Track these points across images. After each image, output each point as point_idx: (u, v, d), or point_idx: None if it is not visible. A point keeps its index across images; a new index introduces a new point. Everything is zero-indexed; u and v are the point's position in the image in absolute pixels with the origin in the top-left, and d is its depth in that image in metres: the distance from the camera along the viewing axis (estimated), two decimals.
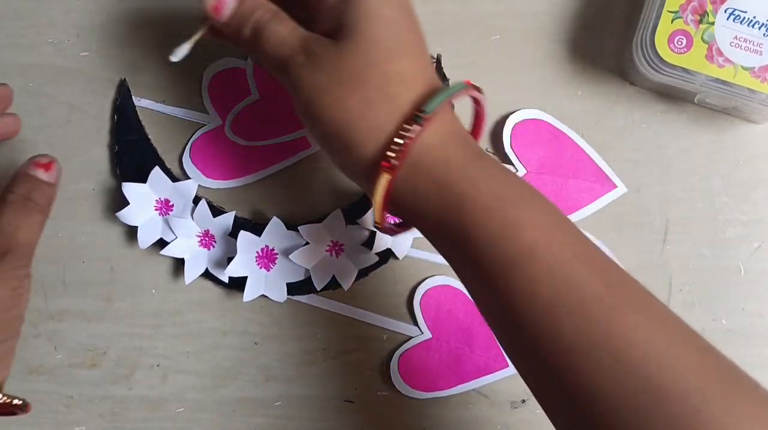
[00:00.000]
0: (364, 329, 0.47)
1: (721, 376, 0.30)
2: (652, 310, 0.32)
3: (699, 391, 0.29)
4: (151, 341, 0.48)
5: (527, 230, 0.32)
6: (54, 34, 0.49)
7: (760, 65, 0.43)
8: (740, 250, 0.47)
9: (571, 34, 0.48)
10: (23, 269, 0.40)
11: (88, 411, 0.48)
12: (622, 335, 0.30)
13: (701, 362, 0.30)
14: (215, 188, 0.48)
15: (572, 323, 0.31)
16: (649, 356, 0.30)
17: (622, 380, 0.29)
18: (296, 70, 0.36)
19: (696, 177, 0.47)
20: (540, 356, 0.32)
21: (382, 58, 0.35)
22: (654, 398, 0.29)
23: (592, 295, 0.31)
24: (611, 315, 0.30)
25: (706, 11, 0.43)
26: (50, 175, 0.42)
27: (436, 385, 0.46)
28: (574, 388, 0.31)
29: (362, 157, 0.35)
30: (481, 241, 0.32)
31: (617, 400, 0.30)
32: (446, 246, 0.35)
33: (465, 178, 0.33)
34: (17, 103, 0.49)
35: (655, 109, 0.48)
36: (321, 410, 0.47)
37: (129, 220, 0.46)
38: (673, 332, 0.31)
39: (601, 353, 0.30)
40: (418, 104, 0.34)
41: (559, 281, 0.31)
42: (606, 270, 0.32)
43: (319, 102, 0.35)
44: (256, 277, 0.46)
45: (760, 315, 0.47)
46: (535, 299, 0.31)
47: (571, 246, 0.32)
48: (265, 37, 0.37)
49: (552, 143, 0.47)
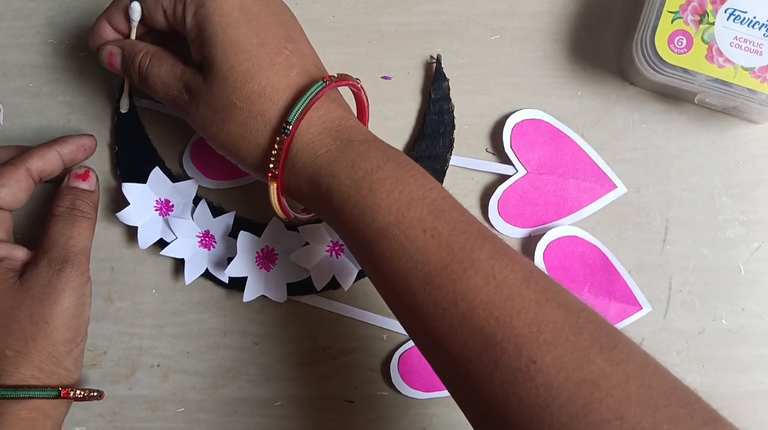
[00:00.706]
0: (364, 329, 0.48)
1: (558, 325, 0.32)
2: (495, 270, 0.33)
3: (534, 343, 0.31)
4: (151, 341, 0.48)
5: (381, 213, 0.35)
6: (54, 34, 0.49)
7: (760, 65, 0.43)
8: (740, 250, 0.47)
9: (571, 34, 0.48)
10: (83, 275, 0.43)
11: (89, 411, 0.48)
12: (465, 299, 0.33)
13: (539, 316, 0.32)
14: (215, 188, 0.48)
15: (424, 292, 0.34)
16: (489, 316, 0.32)
17: (468, 340, 0.33)
18: (184, 108, 0.40)
19: (696, 177, 0.47)
20: (408, 322, 0.36)
21: (239, 80, 0.38)
22: (494, 355, 0.32)
23: (439, 265, 0.34)
24: (456, 283, 0.33)
25: (706, 11, 0.43)
26: (89, 183, 0.46)
27: (436, 385, 0.46)
28: (436, 349, 0.35)
29: (253, 168, 0.40)
30: (347, 226, 0.37)
31: (466, 361, 0.33)
32: (333, 229, 0.39)
33: (329, 173, 0.37)
34: (17, 103, 0.49)
35: (655, 109, 0.48)
36: (321, 410, 0.48)
37: (129, 220, 0.46)
38: (510, 291, 0.33)
39: (449, 318, 0.33)
40: (283, 115, 0.38)
41: (408, 255, 0.35)
42: (452, 240, 0.34)
43: (209, 131, 0.40)
44: (256, 277, 0.46)
45: (760, 315, 0.47)
46: (393, 275, 0.35)
47: (421, 221, 0.35)
48: (150, 81, 0.41)
49: (552, 143, 0.47)
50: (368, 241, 0.36)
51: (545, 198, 0.47)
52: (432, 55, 0.48)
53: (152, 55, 0.41)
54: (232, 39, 0.38)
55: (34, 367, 0.41)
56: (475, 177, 0.48)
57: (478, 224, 0.36)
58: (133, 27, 0.43)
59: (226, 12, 0.38)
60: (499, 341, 0.32)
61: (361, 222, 0.36)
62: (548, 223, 0.47)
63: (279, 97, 0.38)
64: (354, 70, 0.48)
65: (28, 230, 0.48)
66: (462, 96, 0.48)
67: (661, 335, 0.47)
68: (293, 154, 0.38)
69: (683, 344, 0.47)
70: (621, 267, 0.46)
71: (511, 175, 0.47)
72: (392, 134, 0.48)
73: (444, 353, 0.34)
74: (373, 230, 0.35)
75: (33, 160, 0.44)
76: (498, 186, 0.47)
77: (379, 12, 0.49)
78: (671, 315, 0.47)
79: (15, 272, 0.43)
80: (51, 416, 0.42)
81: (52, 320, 0.42)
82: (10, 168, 0.44)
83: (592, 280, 0.46)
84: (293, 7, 0.42)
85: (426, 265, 0.34)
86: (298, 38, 0.40)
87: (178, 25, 0.41)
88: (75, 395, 0.42)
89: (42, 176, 0.45)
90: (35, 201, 0.47)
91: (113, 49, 0.43)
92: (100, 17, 0.43)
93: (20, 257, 0.44)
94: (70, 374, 0.43)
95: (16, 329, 0.41)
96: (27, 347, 0.41)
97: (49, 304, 0.42)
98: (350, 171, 0.36)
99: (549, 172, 0.47)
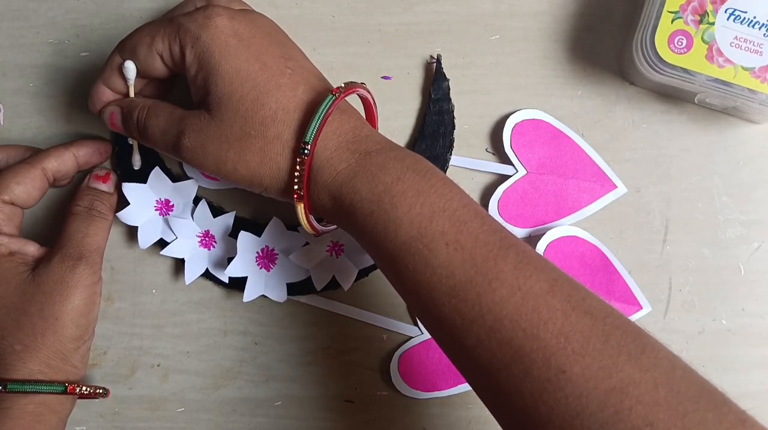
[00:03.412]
0: (364, 329, 0.48)
1: (585, 334, 0.32)
2: (520, 281, 0.34)
3: (562, 354, 0.32)
4: (151, 341, 0.48)
5: (403, 227, 0.35)
6: (54, 34, 0.49)
7: (760, 65, 0.43)
8: (740, 250, 0.47)
9: (571, 34, 0.48)
10: (95, 274, 0.44)
11: (89, 411, 0.48)
12: (491, 312, 0.33)
13: (566, 326, 0.32)
14: (215, 188, 0.48)
15: (450, 305, 0.34)
16: (516, 328, 0.33)
17: (497, 351, 0.33)
18: (188, 153, 0.40)
19: (696, 177, 0.47)
20: (436, 333, 0.36)
21: (250, 110, 0.38)
22: (523, 366, 0.32)
23: (463, 279, 0.34)
24: (482, 296, 0.34)
25: (706, 11, 0.43)
26: (108, 185, 0.46)
27: (436, 385, 0.46)
28: (465, 359, 0.35)
29: (278, 193, 0.40)
30: (370, 240, 0.37)
31: (495, 372, 0.33)
32: (357, 241, 0.39)
33: (351, 189, 0.37)
34: (17, 103, 0.49)
35: (655, 109, 0.48)
36: (321, 410, 0.48)
37: (129, 220, 0.46)
38: (536, 302, 0.33)
39: (477, 330, 0.33)
40: (299, 135, 0.38)
41: (432, 269, 0.35)
42: (475, 253, 0.34)
43: (225, 168, 0.39)
44: (256, 277, 0.46)
45: (760, 315, 0.47)
46: (418, 288, 0.35)
47: (443, 234, 0.35)
48: (149, 133, 0.41)
49: (552, 143, 0.47)
50: (392, 255, 0.36)
51: (545, 198, 0.47)
52: (432, 55, 0.48)
53: (149, 108, 0.41)
54: (235, 68, 0.38)
55: (42, 362, 0.41)
56: (475, 177, 0.48)
57: (501, 230, 0.36)
58: (131, 85, 0.42)
59: (223, 41, 0.38)
60: (527, 353, 0.32)
61: (384, 237, 0.36)
62: (548, 223, 0.47)
63: (291, 119, 0.38)
64: (354, 70, 0.48)
65: (36, 232, 0.48)
66: (462, 96, 0.48)
67: (661, 335, 0.46)
68: (314, 172, 0.38)
69: (683, 344, 0.47)
70: (621, 267, 0.46)
71: (511, 176, 0.47)
72: (392, 134, 0.48)
73: (473, 364, 0.34)
74: (396, 245, 0.36)
75: (49, 160, 0.45)
76: (498, 186, 0.47)
77: (379, 12, 0.49)
78: (671, 315, 0.47)
79: (27, 266, 0.43)
80: (57, 412, 0.42)
81: (62, 317, 0.42)
82: (26, 166, 0.44)
83: (592, 280, 0.46)
84: (293, 8, 0.42)
85: (450, 278, 0.34)
86: (295, 55, 0.40)
87: (177, 65, 0.40)
88: (81, 391, 0.43)
89: (56, 177, 0.45)
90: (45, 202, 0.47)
91: (113, 109, 0.43)
92: (96, 82, 0.43)
93: (32, 252, 0.44)
94: (76, 370, 0.43)
95: (26, 323, 0.42)
96: (36, 342, 0.41)
97: (60, 300, 0.42)
98: (371, 185, 0.37)
99: (549, 173, 0.47)
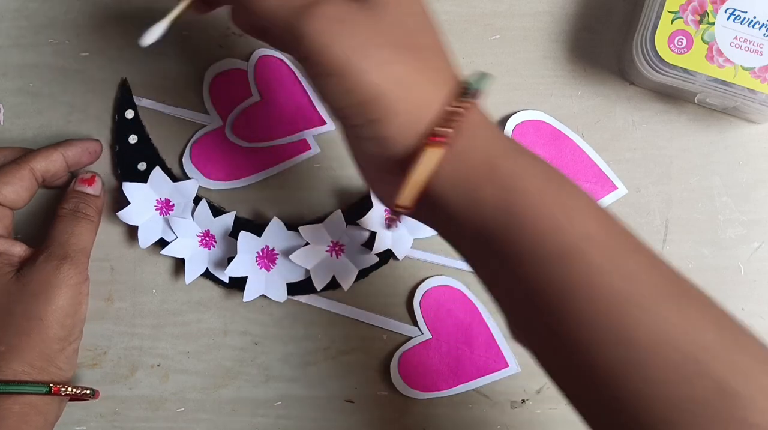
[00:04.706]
0: (364, 329, 0.48)
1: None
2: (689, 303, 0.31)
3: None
4: (151, 341, 0.48)
5: (577, 219, 0.30)
6: (54, 34, 0.49)
7: (760, 65, 0.43)
8: (740, 250, 0.47)
9: (571, 34, 0.48)
10: (81, 274, 0.44)
11: (89, 411, 0.48)
12: (686, 332, 0.30)
13: None
14: (216, 189, 0.48)
15: (641, 316, 0.29)
16: (716, 359, 0.29)
17: (693, 380, 0.29)
18: (322, 23, 0.31)
19: (696, 177, 0.47)
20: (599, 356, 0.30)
21: (417, 29, 0.32)
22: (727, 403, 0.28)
23: (652, 287, 0.30)
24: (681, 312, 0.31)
25: (706, 11, 0.43)
26: (94, 188, 0.46)
27: (436, 385, 0.47)
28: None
29: (404, 130, 0.31)
30: (530, 231, 0.30)
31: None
32: (477, 238, 0.31)
33: (513, 162, 0.31)
34: (17, 103, 0.49)
35: (655, 109, 0.48)
36: (321, 410, 0.48)
37: (129, 220, 0.47)
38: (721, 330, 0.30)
39: (673, 355, 0.29)
40: (459, 81, 0.32)
41: (617, 271, 0.30)
42: (655, 262, 0.31)
43: (359, 65, 0.30)
44: (256, 277, 0.46)
45: (760, 315, 0.47)
46: (594, 291, 0.29)
47: (618, 236, 0.31)
48: None
49: (552, 144, 0.47)
50: (561, 252, 0.30)
51: None
52: None
53: None
54: None
55: (26, 363, 0.41)
56: None
57: (666, 272, 0.32)
58: None
59: None
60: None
61: (555, 227, 0.30)
62: None
63: (449, 64, 0.33)
64: None
65: (27, 232, 0.48)
66: None
67: None
68: (468, 127, 0.31)
69: None
70: None
71: None
72: None
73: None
74: (571, 238, 0.30)
75: (37, 160, 0.45)
76: None
77: None
78: None
79: (12, 267, 0.43)
80: (43, 413, 0.42)
81: (46, 317, 0.42)
82: (14, 167, 0.44)
83: None
84: None
85: (636, 284, 0.30)
86: None
87: None
88: (67, 392, 0.42)
89: (45, 177, 0.45)
90: (36, 203, 0.47)
91: None
92: None
93: (18, 252, 0.44)
94: (61, 372, 0.43)
95: (10, 323, 0.41)
96: (20, 342, 0.41)
97: (45, 300, 0.42)
98: (543, 167, 0.31)
99: None
